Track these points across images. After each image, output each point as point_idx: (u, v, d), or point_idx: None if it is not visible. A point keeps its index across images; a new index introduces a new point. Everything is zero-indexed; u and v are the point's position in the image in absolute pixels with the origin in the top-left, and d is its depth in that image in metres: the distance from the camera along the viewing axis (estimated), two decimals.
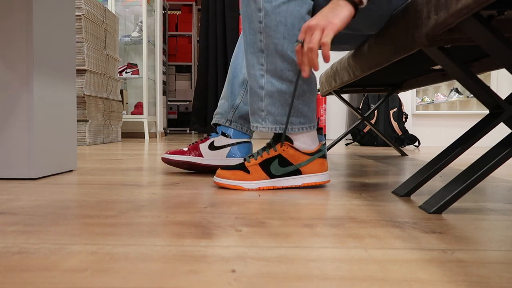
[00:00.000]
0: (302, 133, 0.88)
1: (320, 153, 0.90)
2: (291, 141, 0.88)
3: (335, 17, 0.73)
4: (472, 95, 3.15)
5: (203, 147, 1.12)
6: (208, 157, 1.12)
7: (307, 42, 0.74)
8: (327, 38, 0.72)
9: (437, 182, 1.01)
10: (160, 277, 0.38)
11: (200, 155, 1.12)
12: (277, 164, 0.88)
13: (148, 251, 0.45)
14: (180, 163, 1.13)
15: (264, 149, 0.90)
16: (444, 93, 3.67)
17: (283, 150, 0.88)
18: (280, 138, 0.89)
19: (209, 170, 1.14)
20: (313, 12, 0.89)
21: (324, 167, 0.91)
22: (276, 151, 0.88)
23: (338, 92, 1.96)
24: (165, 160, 1.13)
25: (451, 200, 0.65)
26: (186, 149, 1.13)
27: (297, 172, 0.89)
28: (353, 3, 0.74)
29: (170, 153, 1.13)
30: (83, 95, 2.38)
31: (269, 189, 0.88)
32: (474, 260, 0.43)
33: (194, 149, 1.13)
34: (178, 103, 5.72)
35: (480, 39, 0.63)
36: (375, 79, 1.66)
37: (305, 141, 0.89)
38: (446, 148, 0.77)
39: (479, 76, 1.42)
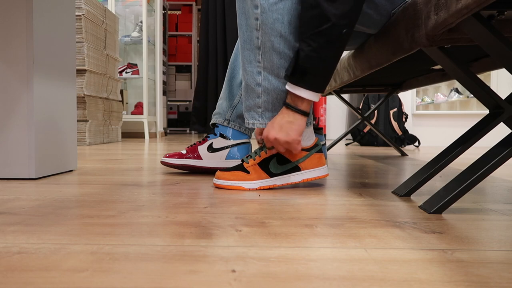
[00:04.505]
0: None
1: (317, 148, 0.90)
2: None
3: (296, 133, 0.81)
4: (472, 95, 3.15)
5: (202, 149, 1.12)
6: (207, 159, 1.11)
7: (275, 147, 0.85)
8: (297, 150, 0.84)
9: (437, 182, 1.01)
10: (160, 277, 0.38)
11: (199, 157, 1.11)
12: (275, 163, 0.88)
13: (148, 251, 0.45)
14: (179, 167, 1.12)
15: (261, 148, 0.90)
16: (444, 93, 3.67)
17: None
18: None
19: (208, 172, 1.14)
20: None
21: (322, 161, 0.91)
22: (273, 149, 0.88)
23: (338, 92, 1.96)
24: (164, 164, 1.13)
25: (451, 200, 0.65)
26: (184, 151, 1.13)
27: (296, 168, 0.89)
28: (305, 114, 0.82)
29: (169, 156, 1.12)
30: (83, 95, 2.38)
31: (269, 189, 0.88)
32: (474, 260, 0.43)
33: (193, 151, 1.12)
34: (178, 103, 5.72)
35: (480, 39, 0.63)
36: (375, 79, 1.66)
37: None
38: (446, 148, 0.77)
39: (479, 76, 1.42)
